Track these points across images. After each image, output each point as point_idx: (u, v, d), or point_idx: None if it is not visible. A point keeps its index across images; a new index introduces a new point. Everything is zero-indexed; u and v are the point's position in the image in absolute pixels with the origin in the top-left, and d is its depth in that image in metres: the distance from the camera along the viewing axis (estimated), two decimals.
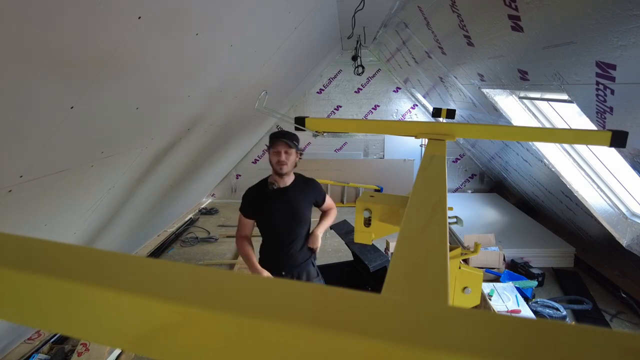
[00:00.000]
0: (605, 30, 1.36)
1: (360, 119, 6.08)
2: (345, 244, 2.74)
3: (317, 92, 6.15)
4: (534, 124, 3.02)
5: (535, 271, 3.30)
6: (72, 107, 1.23)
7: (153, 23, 1.24)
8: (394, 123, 3.95)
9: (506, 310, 2.76)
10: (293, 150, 1.92)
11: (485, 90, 2.99)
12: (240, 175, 6.23)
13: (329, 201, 2.27)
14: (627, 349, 0.17)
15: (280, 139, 1.89)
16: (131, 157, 2.04)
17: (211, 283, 0.22)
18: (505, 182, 5.47)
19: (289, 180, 1.99)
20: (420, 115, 6.17)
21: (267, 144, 1.97)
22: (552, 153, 3.10)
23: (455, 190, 6.22)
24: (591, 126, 1.98)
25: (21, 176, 1.30)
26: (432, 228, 0.41)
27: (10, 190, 1.30)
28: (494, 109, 3.14)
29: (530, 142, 3.16)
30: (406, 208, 0.49)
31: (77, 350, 2.27)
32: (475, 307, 1.03)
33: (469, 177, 6.26)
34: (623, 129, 1.02)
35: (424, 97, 5.51)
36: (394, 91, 6.14)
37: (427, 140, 1.01)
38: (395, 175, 5.90)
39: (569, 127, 2.74)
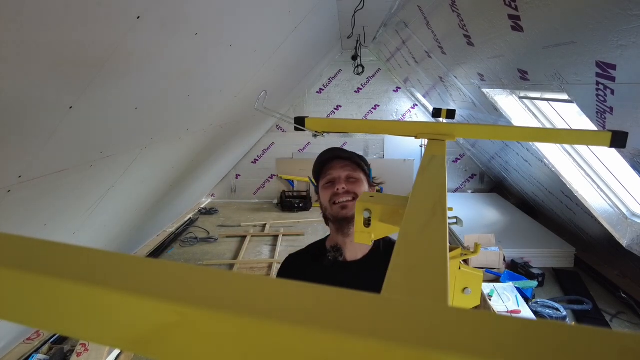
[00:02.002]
0: (606, 30, 1.36)
1: (360, 118, 6.08)
2: None
3: (317, 92, 6.15)
4: (534, 124, 3.02)
5: (535, 271, 3.30)
6: (71, 107, 1.23)
7: (152, 23, 1.24)
8: (394, 123, 3.95)
9: (506, 310, 2.76)
10: (361, 176, 1.09)
11: (485, 90, 2.99)
12: (240, 175, 6.23)
13: None
14: (627, 349, 0.17)
15: (335, 158, 1.11)
16: (130, 157, 2.04)
17: (211, 283, 0.22)
18: (506, 182, 5.47)
19: (362, 246, 1.07)
20: (420, 115, 6.17)
21: (311, 177, 1.18)
22: (552, 153, 3.10)
23: (455, 190, 6.22)
24: (591, 126, 1.98)
25: (20, 176, 1.30)
26: (432, 228, 0.41)
27: (9, 191, 1.30)
28: (494, 109, 3.14)
29: (530, 143, 3.16)
30: (406, 208, 0.48)
31: (77, 350, 2.27)
32: (475, 307, 1.03)
33: (469, 177, 6.26)
34: (623, 130, 1.02)
35: (424, 97, 5.51)
36: (394, 91, 6.14)
37: (427, 140, 1.01)
38: (395, 175, 5.90)
39: (569, 127, 2.74)
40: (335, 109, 6.19)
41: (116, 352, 2.38)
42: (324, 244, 1.14)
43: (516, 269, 3.44)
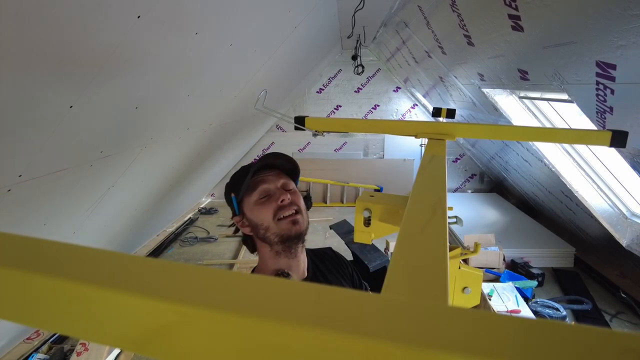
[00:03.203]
0: (605, 30, 1.36)
1: (360, 118, 6.08)
2: (345, 243, 2.73)
3: (317, 92, 6.15)
4: (534, 123, 3.02)
5: (535, 271, 3.30)
6: (71, 107, 1.23)
7: (152, 22, 1.24)
8: (393, 123, 3.95)
9: (506, 310, 2.77)
10: (293, 185, 0.97)
11: (485, 90, 2.99)
12: None
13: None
14: (627, 349, 0.17)
15: (266, 167, 0.95)
16: (130, 156, 2.04)
17: (211, 283, 0.22)
18: (505, 182, 5.47)
19: (303, 261, 0.97)
20: (420, 115, 6.17)
21: (231, 195, 0.93)
22: (552, 153, 3.10)
23: (455, 190, 6.22)
24: (591, 126, 1.98)
25: (20, 175, 1.30)
26: (432, 228, 0.41)
27: (9, 190, 1.30)
28: (494, 109, 3.14)
29: (530, 142, 3.16)
30: (406, 208, 0.48)
31: (76, 350, 2.27)
32: (475, 307, 1.03)
33: (469, 177, 6.26)
34: (623, 129, 1.02)
35: (424, 96, 5.51)
36: (393, 91, 6.14)
37: (427, 140, 1.01)
38: (395, 175, 5.90)
39: (569, 127, 2.74)
40: (335, 108, 6.19)
41: (116, 351, 2.38)
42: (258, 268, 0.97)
43: (516, 269, 3.44)
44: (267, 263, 0.94)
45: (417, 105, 6.16)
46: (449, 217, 0.94)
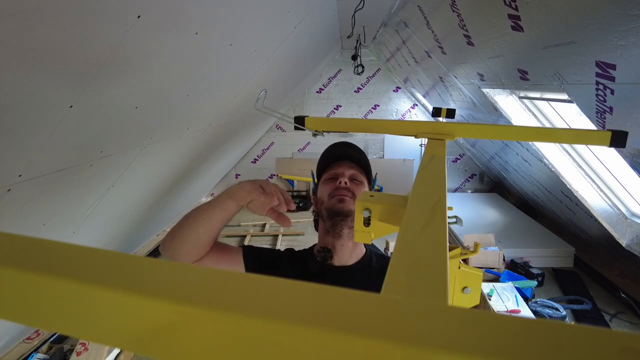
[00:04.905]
0: (605, 30, 1.36)
1: (360, 118, 6.08)
2: None
3: (317, 92, 6.15)
4: (534, 123, 3.02)
5: (534, 271, 3.30)
6: (71, 106, 1.23)
7: (152, 22, 1.24)
8: (393, 122, 3.95)
9: (506, 310, 2.77)
10: (365, 180, 1.08)
11: (485, 90, 2.99)
12: (239, 175, 6.23)
13: None
14: (627, 349, 0.17)
15: (343, 158, 1.10)
16: (130, 156, 2.04)
17: (211, 283, 0.22)
18: (505, 182, 5.47)
19: (353, 253, 1.03)
20: (420, 115, 6.18)
21: (313, 172, 1.16)
22: (552, 153, 3.10)
23: (455, 190, 6.22)
24: (591, 126, 1.98)
25: (20, 175, 1.30)
26: (432, 228, 0.41)
27: (9, 190, 1.30)
28: (494, 109, 3.14)
29: (530, 142, 3.16)
30: (406, 208, 0.48)
31: (76, 349, 2.27)
32: (475, 307, 1.03)
33: (469, 177, 6.26)
34: (623, 129, 1.02)
35: (423, 96, 5.51)
36: (393, 91, 6.14)
37: (426, 140, 1.01)
38: (395, 175, 5.90)
39: (568, 127, 2.74)
40: (335, 108, 6.19)
41: (116, 351, 2.38)
42: (311, 250, 1.06)
43: (516, 269, 3.44)
44: (320, 239, 1.06)
45: (417, 105, 6.16)
46: (449, 217, 0.94)
